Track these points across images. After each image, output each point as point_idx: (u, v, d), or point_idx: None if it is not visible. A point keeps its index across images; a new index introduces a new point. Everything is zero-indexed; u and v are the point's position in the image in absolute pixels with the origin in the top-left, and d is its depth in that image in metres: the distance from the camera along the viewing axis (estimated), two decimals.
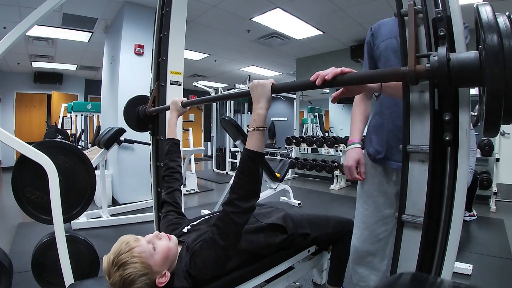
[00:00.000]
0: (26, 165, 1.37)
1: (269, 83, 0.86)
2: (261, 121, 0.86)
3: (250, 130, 0.86)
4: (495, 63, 0.48)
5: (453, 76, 0.54)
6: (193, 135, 5.49)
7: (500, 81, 0.48)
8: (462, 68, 0.54)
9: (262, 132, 0.86)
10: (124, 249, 0.81)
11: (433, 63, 0.56)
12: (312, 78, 0.77)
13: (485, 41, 0.49)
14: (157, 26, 1.72)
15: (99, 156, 3.03)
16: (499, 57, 0.48)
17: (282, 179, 3.31)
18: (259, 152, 0.85)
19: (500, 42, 0.48)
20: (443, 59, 0.54)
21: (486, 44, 0.49)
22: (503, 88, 0.48)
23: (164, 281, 0.86)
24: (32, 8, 1.46)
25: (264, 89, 0.85)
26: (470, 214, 3.12)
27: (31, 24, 1.39)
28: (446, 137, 0.64)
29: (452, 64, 0.54)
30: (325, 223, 1.38)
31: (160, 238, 0.91)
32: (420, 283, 0.41)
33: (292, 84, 1.44)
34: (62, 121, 6.13)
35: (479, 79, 0.53)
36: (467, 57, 0.54)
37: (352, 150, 1.17)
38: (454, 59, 0.55)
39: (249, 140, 0.86)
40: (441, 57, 0.55)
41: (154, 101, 1.64)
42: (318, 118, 8.59)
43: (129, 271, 0.79)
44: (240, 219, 0.86)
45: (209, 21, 4.43)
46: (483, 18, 0.51)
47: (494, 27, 0.49)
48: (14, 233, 2.72)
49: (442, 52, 0.55)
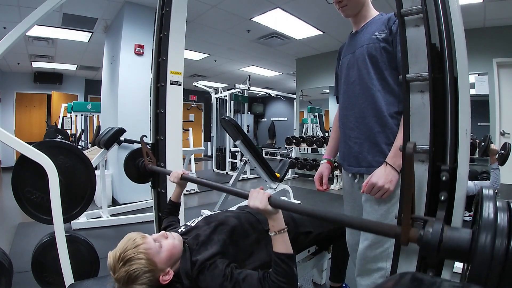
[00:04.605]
0: (26, 165, 1.37)
1: (265, 204, 0.84)
2: (280, 224, 0.86)
3: (272, 235, 0.86)
4: (484, 258, 0.51)
5: (442, 252, 0.58)
6: (193, 135, 5.48)
7: (485, 269, 0.51)
8: (453, 247, 0.57)
9: (284, 234, 0.86)
10: (130, 245, 0.83)
11: (426, 236, 0.59)
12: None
13: (480, 235, 0.53)
14: (157, 26, 1.72)
15: (99, 156, 3.03)
16: (488, 253, 0.51)
17: (282, 179, 3.31)
18: (290, 254, 0.84)
19: (493, 241, 0.52)
20: (436, 238, 0.58)
21: (479, 241, 0.52)
22: (486, 274, 0.51)
23: (168, 279, 0.87)
24: (32, 8, 1.46)
25: (266, 212, 0.85)
26: (470, 214, 3.10)
27: (31, 24, 1.39)
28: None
29: (443, 244, 0.58)
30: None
31: (166, 237, 0.93)
32: (420, 283, 0.41)
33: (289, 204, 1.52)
34: (62, 121, 6.12)
35: (466, 258, 0.56)
36: (460, 239, 0.57)
37: (320, 166, 1.33)
38: (446, 240, 0.58)
39: (275, 245, 0.85)
40: (434, 234, 0.58)
41: (148, 155, 1.66)
42: (318, 118, 8.58)
43: (134, 267, 0.81)
44: None
45: (209, 21, 4.43)
46: (484, 214, 0.55)
47: (491, 226, 0.53)
48: (14, 233, 2.72)
49: (437, 230, 0.58)
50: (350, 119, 1.14)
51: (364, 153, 1.09)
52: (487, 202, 0.56)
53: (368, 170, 1.05)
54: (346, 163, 1.19)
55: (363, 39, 1.09)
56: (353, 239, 1.25)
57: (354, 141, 1.12)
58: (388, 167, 0.95)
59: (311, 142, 5.59)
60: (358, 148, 1.11)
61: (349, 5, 1.10)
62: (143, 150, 1.64)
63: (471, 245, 0.55)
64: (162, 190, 1.66)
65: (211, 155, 7.96)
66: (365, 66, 1.07)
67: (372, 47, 1.05)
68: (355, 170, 1.14)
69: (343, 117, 1.19)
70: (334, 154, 1.37)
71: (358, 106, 1.10)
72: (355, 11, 1.12)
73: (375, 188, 0.96)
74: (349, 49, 1.17)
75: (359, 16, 1.14)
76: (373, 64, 1.05)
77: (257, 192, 0.87)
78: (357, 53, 1.10)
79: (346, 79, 1.17)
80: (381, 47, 1.02)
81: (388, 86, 1.04)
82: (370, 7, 1.14)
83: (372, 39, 1.05)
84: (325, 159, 1.34)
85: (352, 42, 1.16)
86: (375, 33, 1.05)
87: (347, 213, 1.28)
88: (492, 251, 0.51)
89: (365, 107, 1.07)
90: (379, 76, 1.04)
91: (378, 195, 0.97)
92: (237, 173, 3.18)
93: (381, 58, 1.03)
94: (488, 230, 0.52)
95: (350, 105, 1.14)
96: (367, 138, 1.08)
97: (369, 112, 1.06)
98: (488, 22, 4.05)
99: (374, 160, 1.05)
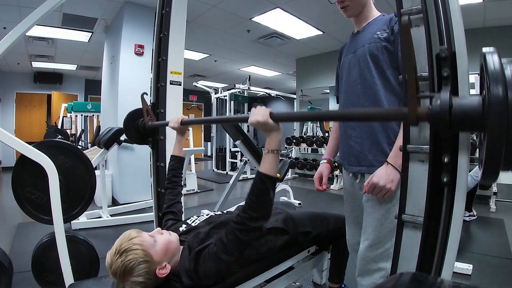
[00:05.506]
0: (26, 165, 1.37)
1: (267, 117, 0.81)
2: (276, 144, 0.84)
3: (265, 152, 0.85)
4: (499, 113, 0.48)
5: (454, 122, 0.54)
6: (193, 135, 5.48)
7: (501, 130, 0.48)
8: (464, 114, 0.54)
9: (276, 155, 0.85)
10: (126, 239, 0.86)
11: (435, 107, 0.55)
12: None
13: (490, 90, 0.49)
14: (157, 26, 1.71)
15: (99, 156, 3.03)
16: (503, 108, 0.48)
17: (282, 179, 3.31)
18: (271, 175, 0.83)
19: (505, 93, 0.48)
20: (446, 105, 0.54)
21: (491, 94, 0.49)
22: (504, 137, 0.48)
23: (165, 272, 0.87)
24: (32, 8, 1.46)
25: (267, 126, 0.83)
26: (470, 214, 3.11)
27: (31, 24, 1.38)
28: (444, 159, 0.64)
29: (454, 110, 0.54)
30: (325, 220, 1.39)
31: (161, 233, 0.95)
32: (420, 283, 0.41)
33: (291, 114, 1.51)
34: (62, 121, 6.13)
35: (480, 126, 0.53)
36: (470, 104, 0.54)
37: (320, 166, 1.34)
38: (456, 105, 0.54)
39: (263, 163, 0.85)
40: (443, 102, 0.54)
41: (148, 114, 1.64)
42: None
43: (130, 257, 0.82)
44: (246, 237, 0.85)
45: (209, 21, 4.43)
46: (490, 68, 0.51)
47: (500, 79, 0.49)
48: (14, 233, 2.72)
49: (445, 97, 0.54)
50: None
51: (365, 153, 1.09)
52: (490, 56, 0.52)
53: (369, 170, 1.05)
54: (347, 162, 1.19)
55: (364, 39, 1.09)
56: (354, 239, 1.25)
57: (355, 140, 1.12)
58: (389, 167, 0.95)
59: (311, 142, 5.59)
60: (359, 147, 1.11)
61: (351, 5, 1.10)
62: (143, 108, 1.60)
63: (483, 107, 0.52)
64: (162, 190, 1.66)
65: (211, 155, 7.97)
66: (367, 65, 1.07)
67: (373, 46, 1.05)
68: (355, 170, 1.14)
69: None
70: (334, 154, 1.37)
71: (359, 105, 1.10)
72: (357, 11, 1.12)
73: (376, 188, 0.96)
74: (351, 49, 1.17)
75: (361, 16, 1.14)
76: (374, 63, 1.05)
77: (259, 109, 0.84)
78: (359, 53, 1.10)
79: (347, 79, 1.17)
80: (383, 46, 1.02)
81: (390, 85, 1.04)
82: (372, 8, 1.14)
83: (373, 39, 1.05)
84: (325, 159, 1.35)
85: (353, 42, 1.17)
86: (376, 33, 1.05)
87: (347, 213, 1.28)
88: (507, 101, 0.47)
89: (366, 106, 1.07)
90: (380, 75, 1.04)
91: (380, 195, 0.97)
92: (237, 173, 3.18)
93: (382, 57, 1.03)
94: (498, 82, 0.48)
95: (351, 104, 1.14)
96: (368, 137, 1.08)
97: None
98: (488, 22, 4.05)
99: (375, 160, 1.05)
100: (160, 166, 1.67)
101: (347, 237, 1.30)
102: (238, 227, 0.85)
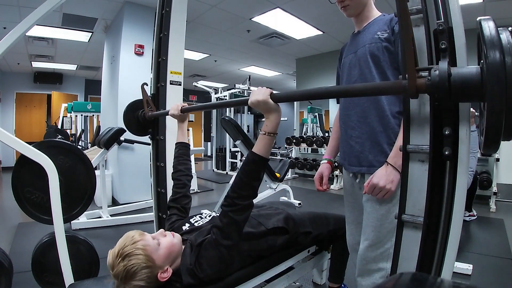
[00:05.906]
0: (26, 165, 1.37)
1: (267, 96, 0.83)
2: (273, 127, 0.87)
3: (261, 133, 0.87)
4: (497, 80, 0.48)
5: (454, 91, 0.54)
6: (193, 135, 5.47)
7: (501, 98, 0.48)
8: (463, 83, 0.53)
9: (272, 138, 0.87)
10: (129, 242, 0.85)
11: (433, 77, 0.55)
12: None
13: (487, 57, 0.49)
14: (157, 26, 1.71)
15: (99, 156, 3.03)
16: (501, 74, 0.48)
17: (282, 179, 3.31)
18: (264, 157, 0.86)
19: (502, 59, 0.48)
20: (444, 74, 0.54)
21: (488, 61, 0.49)
22: (504, 105, 0.48)
23: (166, 276, 0.87)
24: (32, 8, 1.46)
25: (267, 105, 0.84)
26: (470, 214, 3.11)
27: (31, 24, 1.38)
28: (445, 132, 0.64)
29: (453, 79, 0.54)
30: (325, 220, 1.39)
31: (165, 235, 0.94)
32: (420, 283, 0.41)
33: (291, 93, 1.48)
34: (62, 121, 6.12)
35: (480, 95, 0.53)
36: (469, 73, 0.54)
37: (321, 166, 1.34)
38: (455, 74, 0.54)
39: (257, 144, 0.87)
40: (442, 71, 0.54)
41: (148, 104, 1.64)
42: (318, 118, 8.58)
43: (132, 262, 0.81)
44: (240, 216, 0.88)
45: (209, 21, 4.43)
46: (486, 34, 0.51)
47: (496, 44, 0.49)
48: (14, 233, 2.72)
49: (443, 67, 0.55)
50: (351, 118, 1.14)
51: (365, 153, 1.09)
52: (486, 23, 0.53)
53: (369, 170, 1.05)
54: (347, 162, 1.19)
55: (365, 39, 1.09)
56: (354, 239, 1.25)
57: (356, 140, 1.12)
58: (389, 167, 0.95)
59: (311, 142, 5.59)
60: (359, 147, 1.11)
61: (351, 5, 1.10)
62: (144, 98, 1.60)
63: (481, 75, 0.51)
64: (162, 190, 1.66)
65: (211, 155, 7.96)
66: (367, 65, 1.07)
67: (374, 46, 1.05)
68: (356, 170, 1.14)
69: (345, 116, 1.19)
70: (334, 154, 1.37)
71: (360, 105, 1.10)
72: (357, 11, 1.12)
73: (377, 189, 0.96)
74: (351, 49, 1.17)
75: (361, 16, 1.14)
76: (375, 63, 1.05)
77: (259, 88, 0.86)
78: (359, 53, 1.10)
79: (348, 79, 1.17)
80: (383, 46, 1.02)
81: None
82: (373, 8, 1.14)
83: (374, 39, 1.05)
84: (325, 159, 1.35)
85: (354, 42, 1.17)
86: (377, 33, 1.05)
87: (347, 213, 1.28)
88: (504, 67, 0.47)
89: (367, 106, 1.07)
90: (381, 76, 1.04)
91: (380, 195, 0.97)
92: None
93: (383, 57, 1.03)
94: (495, 47, 0.48)
95: (351, 104, 1.14)
96: (368, 138, 1.08)
97: (371, 111, 1.06)
98: None
99: (375, 160, 1.05)
100: (160, 166, 1.67)
101: (347, 237, 1.30)
102: (230, 208, 0.87)
